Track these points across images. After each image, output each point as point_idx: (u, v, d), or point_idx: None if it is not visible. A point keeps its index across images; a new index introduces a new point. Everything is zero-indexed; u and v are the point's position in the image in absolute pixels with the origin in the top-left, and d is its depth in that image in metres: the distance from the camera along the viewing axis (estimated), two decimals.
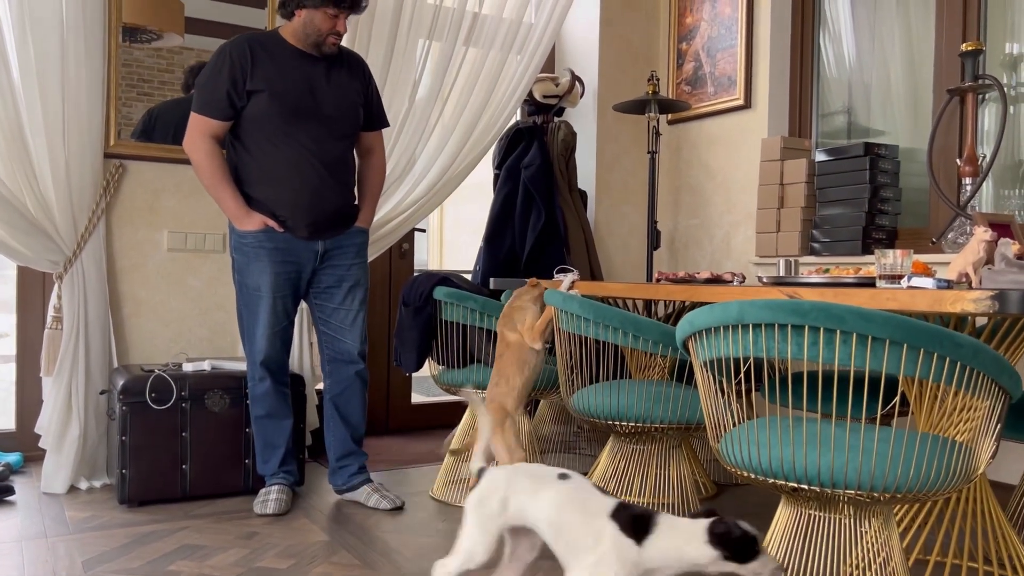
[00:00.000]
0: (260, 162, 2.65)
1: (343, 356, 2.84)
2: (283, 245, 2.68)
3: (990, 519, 2.02)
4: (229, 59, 2.60)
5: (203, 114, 2.61)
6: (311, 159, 2.66)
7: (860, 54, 3.72)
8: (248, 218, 2.64)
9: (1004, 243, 1.86)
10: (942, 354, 1.45)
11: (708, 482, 3.09)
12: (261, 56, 2.63)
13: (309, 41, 2.65)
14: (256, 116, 2.62)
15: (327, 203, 2.70)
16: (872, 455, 1.52)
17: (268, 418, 2.79)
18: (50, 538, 2.43)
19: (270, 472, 2.81)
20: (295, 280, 2.74)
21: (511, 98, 3.81)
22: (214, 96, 2.60)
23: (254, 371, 2.77)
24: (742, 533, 1.53)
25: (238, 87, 2.60)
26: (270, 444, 2.80)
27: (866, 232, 3.34)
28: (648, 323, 2.17)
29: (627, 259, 4.42)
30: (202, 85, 2.63)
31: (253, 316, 2.72)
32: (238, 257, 2.72)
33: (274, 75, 2.62)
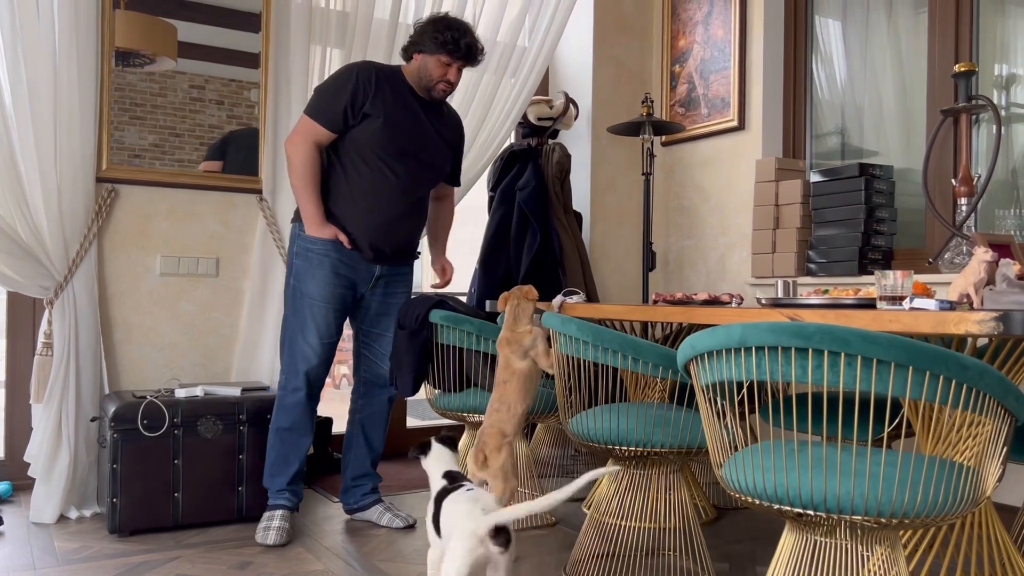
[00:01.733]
0: (351, 181, 2.74)
1: (380, 380, 2.94)
2: (347, 260, 2.76)
3: (996, 543, 1.99)
4: (356, 77, 2.70)
5: (315, 120, 2.69)
6: (399, 191, 2.77)
7: (852, 75, 3.74)
8: (323, 226, 2.71)
9: (1005, 263, 1.85)
10: (948, 376, 1.43)
11: (708, 506, 3.05)
12: (384, 86, 2.73)
13: (422, 84, 2.77)
14: (362, 139, 2.71)
15: (399, 234, 2.82)
16: (879, 480, 1.49)
17: (290, 431, 2.76)
18: (39, 569, 2.38)
19: (276, 488, 2.76)
20: (348, 297, 2.80)
21: (505, 121, 3.81)
22: (331, 106, 2.69)
23: (291, 379, 2.75)
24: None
25: (356, 106, 2.69)
26: (284, 458, 2.76)
27: (862, 252, 3.33)
28: (647, 345, 2.15)
29: (622, 280, 4.40)
30: (322, 93, 2.73)
31: (303, 323, 2.74)
32: (300, 263, 2.75)
33: (391, 106, 2.73)
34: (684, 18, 4.25)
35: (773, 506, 1.59)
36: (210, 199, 3.37)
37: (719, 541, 2.74)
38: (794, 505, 1.56)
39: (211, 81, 3.36)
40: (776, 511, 1.60)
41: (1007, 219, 3.14)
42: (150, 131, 3.24)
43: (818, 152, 3.87)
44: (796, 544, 1.68)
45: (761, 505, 1.61)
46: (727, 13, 3.99)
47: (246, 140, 3.41)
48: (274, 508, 2.74)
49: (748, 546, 2.69)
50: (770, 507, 1.60)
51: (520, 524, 2.90)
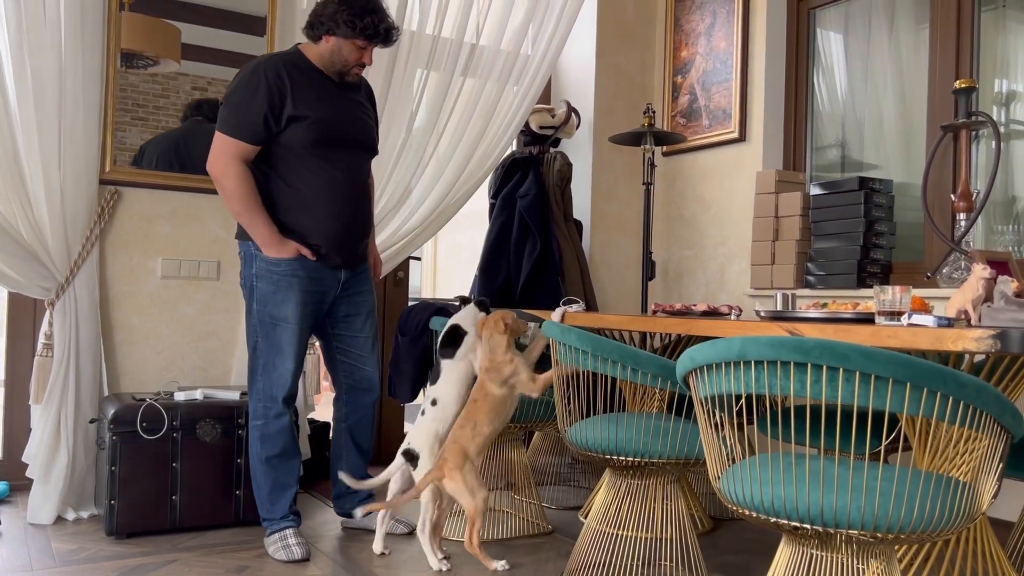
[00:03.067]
0: (296, 189, 2.56)
1: (363, 384, 2.83)
2: (315, 274, 2.61)
3: (991, 559, 2.00)
4: (265, 80, 2.49)
5: (235, 136, 2.48)
6: (346, 186, 2.62)
7: (853, 89, 3.75)
8: (282, 245, 2.53)
9: (1003, 281, 1.86)
10: (945, 393, 1.44)
11: (705, 517, 3.06)
12: (299, 81, 2.54)
13: (333, 68, 2.60)
14: (293, 143, 2.54)
15: (359, 231, 2.70)
16: (875, 494, 1.50)
17: (280, 458, 2.62)
18: (36, 571, 2.38)
19: (279, 515, 2.63)
20: (319, 310, 2.68)
21: (507, 128, 3.83)
22: (248, 119, 2.48)
23: (271, 408, 2.60)
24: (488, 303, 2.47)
25: (276, 111, 2.50)
26: (280, 485, 2.64)
27: (861, 266, 3.35)
28: (647, 356, 2.16)
29: (622, 289, 4.42)
30: (235, 105, 2.50)
31: (275, 348, 2.58)
32: (264, 286, 2.57)
33: (314, 101, 2.55)
34: (687, 29, 4.27)
35: (770, 519, 1.60)
36: (212, 202, 3.37)
37: (715, 552, 2.75)
38: (791, 518, 1.57)
39: (214, 83, 3.38)
40: (772, 524, 1.60)
41: (1006, 235, 3.16)
42: (152, 133, 3.26)
43: (818, 165, 3.89)
44: (792, 557, 1.69)
45: (758, 518, 1.62)
46: (730, 25, 4.01)
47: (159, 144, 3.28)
48: (283, 528, 2.61)
49: (744, 557, 2.70)
50: (767, 520, 1.61)
51: (516, 532, 2.90)
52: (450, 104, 3.69)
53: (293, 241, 2.56)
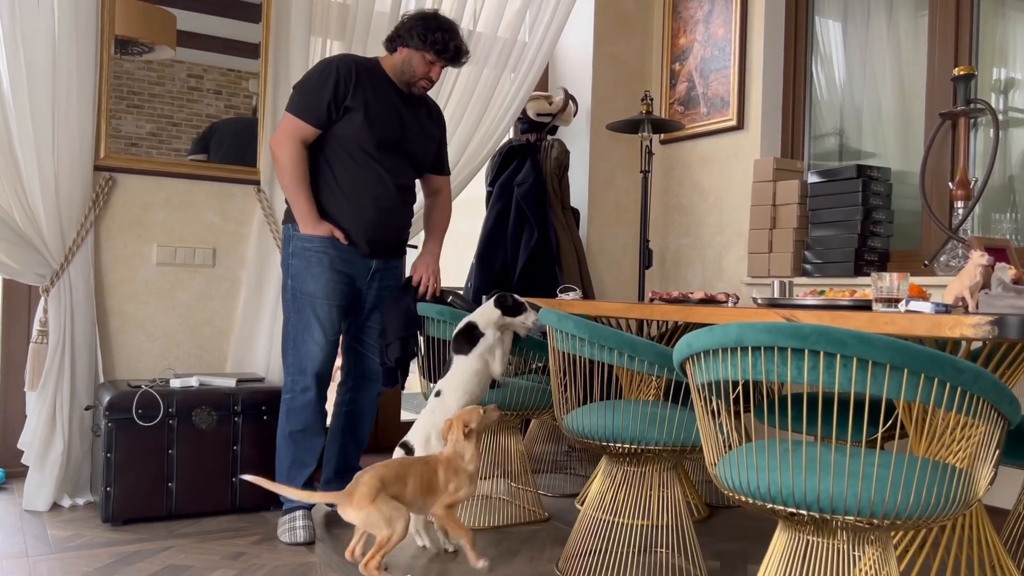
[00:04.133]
0: (340, 177, 2.72)
1: (369, 374, 2.93)
2: (345, 256, 2.74)
3: (986, 546, 2.01)
4: (336, 72, 2.67)
5: (299, 117, 2.67)
6: (388, 184, 2.76)
7: (851, 77, 3.74)
8: (317, 224, 2.68)
9: (1001, 268, 1.86)
10: (943, 379, 1.44)
11: (700, 504, 3.06)
12: (364, 79, 2.71)
13: (403, 79, 2.77)
14: (347, 134, 2.69)
15: (392, 226, 2.82)
16: (872, 481, 1.50)
17: (303, 433, 2.71)
18: (31, 557, 2.38)
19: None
20: (348, 292, 2.79)
21: (505, 116, 3.81)
22: (314, 102, 2.66)
23: (299, 381, 2.70)
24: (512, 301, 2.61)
25: (338, 101, 2.67)
26: (299, 462, 2.71)
27: (858, 254, 3.34)
28: (643, 343, 2.15)
29: (619, 278, 4.41)
30: (305, 90, 2.69)
31: (305, 323, 2.71)
32: (297, 262, 2.71)
33: (372, 100, 2.71)
34: (685, 16, 4.25)
35: (766, 505, 1.60)
36: (208, 189, 3.36)
37: (711, 539, 2.75)
38: (787, 504, 1.57)
39: (210, 71, 3.36)
40: (769, 510, 1.60)
41: (1003, 223, 3.15)
42: (147, 120, 3.23)
43: (816, 153, 3.88)
44: (788, 543, 1.69)
45: (754, 504, 1.62)
46: (728, 12, 3.99)
47: (229, 131, 3.39)
48: (294, 510, 2.67)
49: (740, 544, 2.70)
50: (763, 506, 1.61)
51: (513, 520, 2.91)
52: (447, 91, 3.67)
53: (327, 223, 2.71)
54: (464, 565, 2.42)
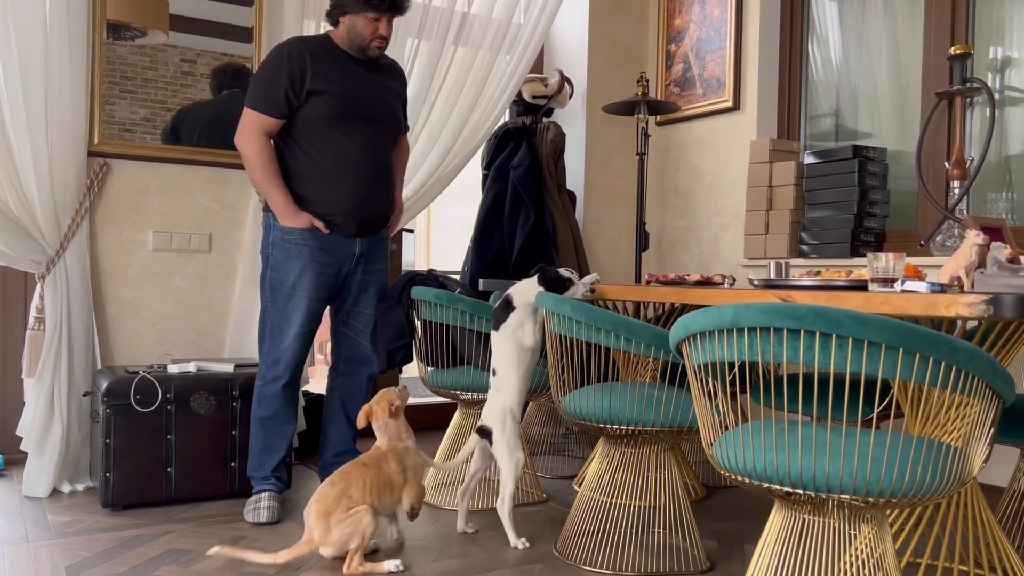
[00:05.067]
0: (314, 160, 2.68)
1: (360, 358, 2.92)
2: (327, 246, 2.71)
3: (981, 523, 2.02)
4: (288, 59, 2.63)
5: (259, 111, 2.63)
6: (364, 160, 2.72)
7: (847, 57, 3.73)
8: (296, 215, 2.65)
9: (996, 247, 1.86)
10: (938, 358, 1.44)
11: (697, 484, 3.08)
12: (320, 58, 2.67)
13: (355, 46, 2.71)
14: (313, 117, 2.66)
15: (374, 204, 2.78)
16: (868, 459, 1.51)
17: (272, 420, 2.73)
18: (32, 543, 2.39)
19: (262, 476, 2.74)
20: (333, 283, 2.77)
21: (500, 98, 3.80)
22: (272, 94, 2.62)
23: (271, 370, 2.72)
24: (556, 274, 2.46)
25: (296, 87, 2.63)
26: (269, 447, 2.74)
27: (854, 235, 3.35)
28: (640, 326, 2.16)
29: (615, 261, 4.41)
30: (260, 83, 2.65)
31: (283, 315, 2.70)
32: (277, 253, 2.69)
33: (333, 77, 2.67)
34: None
35: (763, 485, 1.61)
36: (203, 175, 3.35)
37: (708, 519, 2.77)
38: (783, 484, 1.58)
39: (203, 55, 3.34)
40: (766, 490, 1.61)
41: (999, 202, 3.15)
42: (141, 105, 3.22)
43: (812, 134, 3.87)
44: (784, 522, 1.70)
45: (751, 484, 1.63)
46: None
47: (199, 117, 3.34)
48: (262, 491, 2.71)
49: (736, 524, 2.72)
50: (760, 486, 1.61)
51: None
52: (441, 73, 3.66)
53: (307, 213, 2.67)
54: (442, 547, 2.44)
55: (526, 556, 2.37)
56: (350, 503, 2.19)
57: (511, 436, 2.46)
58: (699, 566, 2.29)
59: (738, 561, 2.36)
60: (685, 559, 2.34)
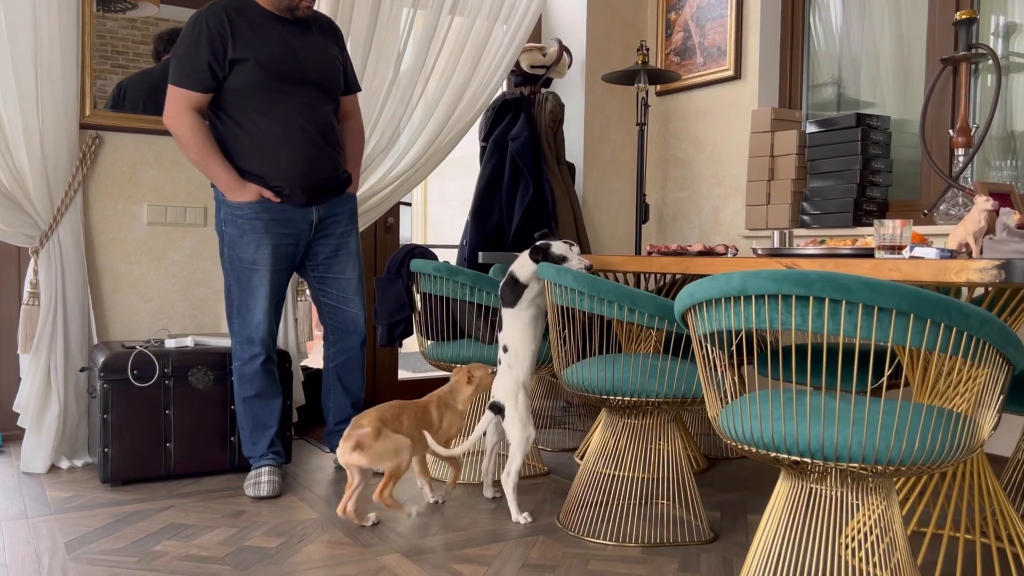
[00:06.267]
0: (250, 133, 2.57)
1: (347, 326, 2.87)
2: (280, 216, 2.63)
3: (987, 493, 2.01)
4: (207, 28, 2.50)
5: (183, 87, 2.52)
6: (303, 125, 2.61)
7: (849, 24, 3.67)
8: (243, 189, 2.57)
9: (1005, 212, 1.83)
10: (949, 324, 1.42)
11: (700, 456, 3.07)
12: (240, 23, 2.54)
13: (282, 5, 2.59)
14: (241, 86, 2.54)
15: (321, 170, 2.66)
16: (876, 428, 1.49)
17: (258, 398, 2.70)
18: (31, 518, 2.38)
19: (259, 454, 2.72)
20: (292, 252, 2.70)
21: (498, 68, 3.74)
22: (194, 68, 2.51)
23: (246, 349, 2.67)
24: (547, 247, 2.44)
25: (219, 57, 2.51)
26: (260, 425, 2.72)
27: (857, 204, 3.31)
28: (643, 295, 2.13)
29: (615, 233, 4.38)
30: (180, 56, 2.53)
31: (247, 291, 2.63)
32: (230, 231, 2.62)
33: (256, 42, 2.54)
34: None
35: (769, 454, 1.59)
36: None
37: (711, 490, 2.76)
38: (791, 453, 1.56)
39: None
40: (772, 459, 1.59)
41: (1003, 170, 3.12)
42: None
43: (814, 103, 3.83)
44: (791, 492, 1.68)
45: (757, 453, 1.61)
46: None
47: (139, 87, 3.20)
48: (262, 465, 2.69)
49: (740, 495, 2.71)
50: (766, 455, 1.60)
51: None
52: (438, 43, 3.60)
53: (254, 184, 2.59)
54: (446, 520, 2.43)
55: (529, 528, 2.36)
56: (399, 428, 2.34)
57: (523, 411, 2.45)
58: (703, 536, 2.29)
59: (741, 532, 2.35)
60: (689, 530, 2.33)
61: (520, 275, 2.50)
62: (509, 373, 2.48)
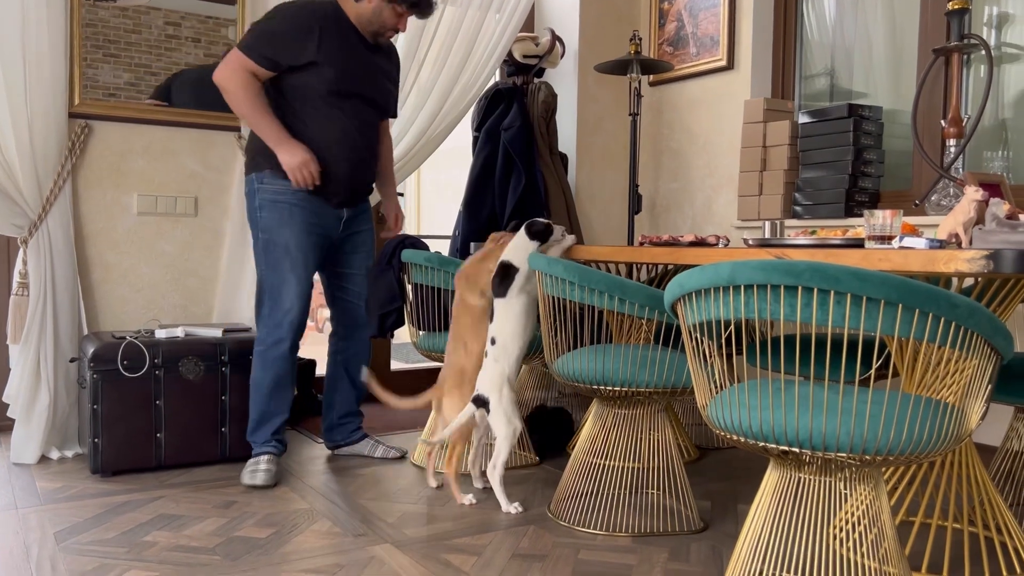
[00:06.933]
0: (309, 127, 2.64)
1: (359, 320, 2.94)
2: (317, 210, 2.70)
3: (975, 482, 2.02)
4: (306, 22, 2.58)
5: (249, 57, 2.55)
6: (354, 135, 2.71)
7: (842, 15, 3.67)
8: (291, 145, 2.57)
9: (995, 203, 1.83)
10: (937, 314, 1.42)
11: (690, 446, 3.08)
12: (332, 32, 2.64)
13: (370, 29, 2.70)
14: (311, 86, 2.62)
15: (364, 174, 2.80)
16: (864, 417, 1.49)
17: (275, 385, 2.70)
18: (20, 509, 2.37)
19: (262, 440, 2.72)
20: (322, 246, 2.77)
21: (490, 58, 3.73)
22: (272, 48, 2.56)
23: (272, 334, 2.67)
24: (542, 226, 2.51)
25: (298, 54, 2.58)
26: (270, 412, 2.72)
27: (849, 195, 3.31)
28: (634, 286, 2.13)
29: (608, 223, 4.37)
30: (263, 31, 2.58)
31: (280, 277, 2.66)
32: (267, 216, 2.65)
33: (338, 54, 2.64)
34: None
35: (758, 444, 1.59)
36: (188, 137, 3.28)
37: (701, 480, 2.77)
38: (779, 443, 1.56)
39: (187, 18, 3.25)
40: (761, 449, 1.60)
41: (995, 161, 3.12)
42: (125, 69, 3.14)
43: (807, 94, 3.82)
44: (780, 481, 1.69)
45: (746, 443, 1.61)
46: None
47: (191, 79, 3.27)
48: (261, 454, 2.70)
49: (729, 485, 2.72)
50: (755, 445, 1.60)
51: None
52: (430, 33, 3.58)
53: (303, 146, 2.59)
54: (435, 510, 2.43)
55: (519, 518, 2.36)
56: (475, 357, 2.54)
57: (508, 405, 2.45)
58: (693, 526, 2.29)
59: (731, 521, 2.36)
60: (679, 520, 2.34)
61: (513, 259, 2.50)
62: (495, 366, 2.48)
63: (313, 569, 1.97)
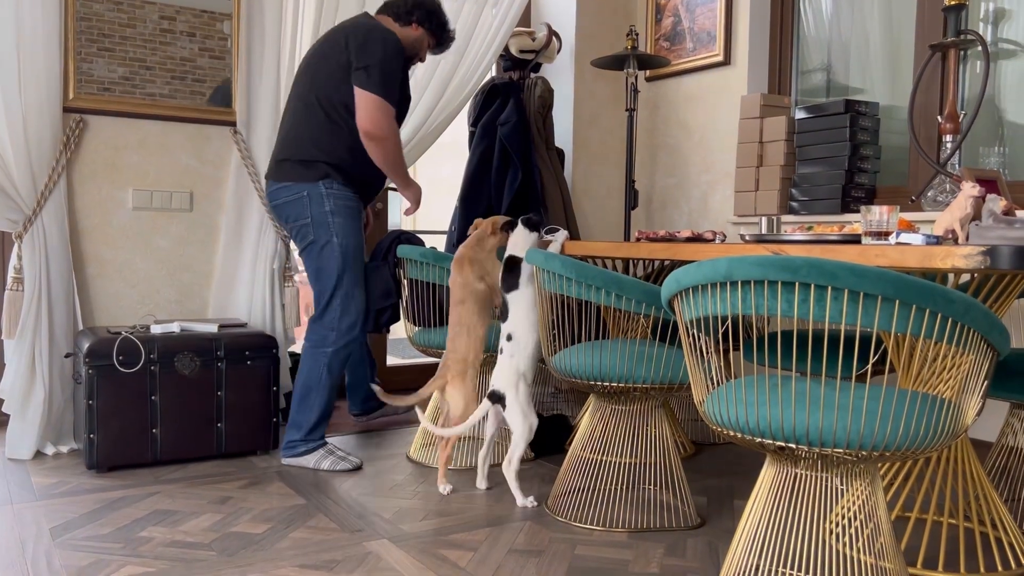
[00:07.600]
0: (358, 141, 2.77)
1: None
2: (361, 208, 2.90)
3: (971, 478, 2.02)
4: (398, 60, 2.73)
5: (390, 101, 2.69)
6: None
7: (839, 11, 3.66)
8: (412, 180, 2.92)
9: (992, 199, 1.83)
10: (934, 310, 1.42)
11: (687, 441, 3.08)
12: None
13: (409, 53, 2.88)
14: None
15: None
16: (861, 413, 1.49)
17: (335, 384, 2.82)
18: (16, 504, 2.36)
19: (319, 436, 2.82)
20: None
21: (487, 53, 3.72)
22: (395, 90, 2.71)
23: (346, 335, 2.77)
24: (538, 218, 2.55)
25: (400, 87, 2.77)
26: (330, 411, 2.83)
27: (845, 190, 3.31)
28: (631, 282, 2.13)
29: (604, 219, 4.37)
30: (389, 73, 2.69)
31: (355, 278, 2.79)
32: (342, 220, 2.76)
33: (405, 80, 2.87)
34: None
35: (755, 439, 1.59)
36: (183, 131, 3.27)
37: (698, 476, 2.77)
38: (776, 438, 1.56)
39: (182, 12, 3.24)
40: (758, 444, 1.60)
41: (991, 157, 3.13)
42: (120, 63, 3.13)
43: (803, 89, 3.82)
44: (776, 477, 1.69)
45: (743, 439, 1.61)
46: None
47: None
48: (322, 445, 2.81)
49: (726, 480, 2.72)
50: (752, 440, 1.60)
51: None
52: None
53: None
54: (432, 505, 2.43)
55: (516, 513, 2.36)
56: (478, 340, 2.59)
57: (524, 400, 2.45)
58: (690, 522, 2.29)
59: (728, 517, 2.36)
60: (676, 515, 2.34)
61: (517, 252, 2.51)
62: (510, 362, 2.47)
63: (309, 565, 1.97)
